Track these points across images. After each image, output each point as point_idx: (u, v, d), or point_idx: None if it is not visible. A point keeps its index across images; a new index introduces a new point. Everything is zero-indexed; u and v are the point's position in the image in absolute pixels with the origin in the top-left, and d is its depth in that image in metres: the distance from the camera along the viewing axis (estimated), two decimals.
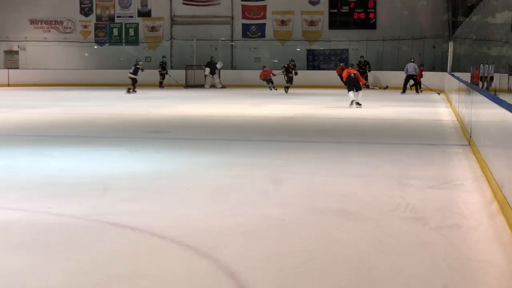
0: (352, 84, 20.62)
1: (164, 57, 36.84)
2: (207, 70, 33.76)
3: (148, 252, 5.26)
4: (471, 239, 5.60)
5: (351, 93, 20.54)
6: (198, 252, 5.19)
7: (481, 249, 5.30)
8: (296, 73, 30.81)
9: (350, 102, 20.48)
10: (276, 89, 30.79)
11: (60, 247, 5.33)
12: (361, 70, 31.60)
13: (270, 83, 31.74)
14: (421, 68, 30.78)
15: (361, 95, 20.74)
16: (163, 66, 35.51)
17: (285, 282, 4.60)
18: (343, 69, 26.07)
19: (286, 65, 31.05)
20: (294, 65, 31.24)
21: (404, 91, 30.03)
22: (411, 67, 30.24)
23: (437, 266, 4.87)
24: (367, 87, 31.19)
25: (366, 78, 31.83)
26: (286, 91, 29.91)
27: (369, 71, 33.81)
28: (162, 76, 35.28)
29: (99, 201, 7.05)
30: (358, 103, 20.29)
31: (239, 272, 4.70)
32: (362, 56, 34.15)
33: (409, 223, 6.10)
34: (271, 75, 31.59)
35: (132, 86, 29.78)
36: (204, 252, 5.17)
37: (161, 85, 35.10)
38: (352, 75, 20.98)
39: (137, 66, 30.45)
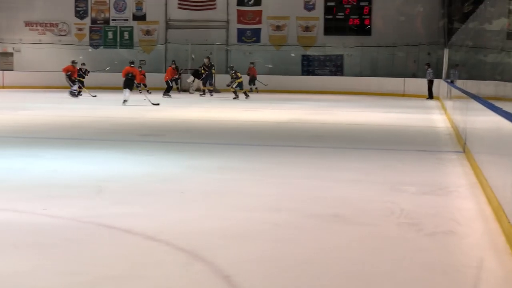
0: None
1: (173, 61, 34.57)
2: (191, 78, 32.69)
3: (142, 254, 5.23)
4: (466, 246, 5.60)
5: None
6: (192, 255, 5.18)
7: (476, 256, 5.30)
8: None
9: None
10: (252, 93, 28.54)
11: (54, 249, 5.31)
12: (205, 72, 31.04)
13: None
14: None
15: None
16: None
17: (279, 285, 4.59)
18: None
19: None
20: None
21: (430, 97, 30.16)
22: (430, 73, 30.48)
23: (432, 272, 4.86)
24: (214, 91, 31.07)
25: (211, 82, 31.22)
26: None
27: (214, 73, 32.09)
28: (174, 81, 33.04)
29: (92, 203, 7.02)
30: None
31: (234, 276, 4.69)
32: (208, 57, 31.95)
33: (403, 229, 6.09)
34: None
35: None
36: (199, 255, 5.16)
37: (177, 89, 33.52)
38: None
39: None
